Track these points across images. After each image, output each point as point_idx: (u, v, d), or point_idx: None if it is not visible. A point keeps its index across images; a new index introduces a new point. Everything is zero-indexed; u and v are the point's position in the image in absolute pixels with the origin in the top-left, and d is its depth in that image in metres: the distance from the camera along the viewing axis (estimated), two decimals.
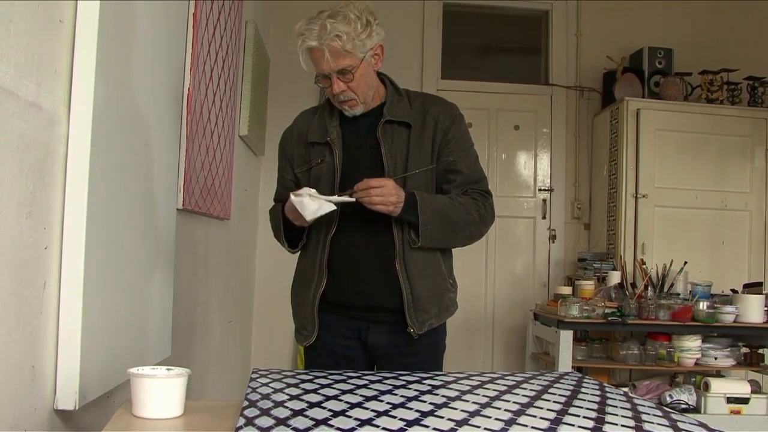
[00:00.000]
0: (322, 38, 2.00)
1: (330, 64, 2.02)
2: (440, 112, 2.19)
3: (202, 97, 2.59)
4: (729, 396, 3.95)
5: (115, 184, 1.70)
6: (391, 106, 2.17)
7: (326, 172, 2.15)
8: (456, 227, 2.13)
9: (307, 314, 2.19)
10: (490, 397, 1.50)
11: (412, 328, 2.13)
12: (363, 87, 2.11)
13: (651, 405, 1.52)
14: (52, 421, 1.47)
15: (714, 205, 4.75)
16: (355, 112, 2.15)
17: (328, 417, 1.25)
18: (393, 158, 2.12)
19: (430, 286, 2.17)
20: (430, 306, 2.16)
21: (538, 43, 5.44)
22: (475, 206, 2.16)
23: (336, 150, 2.14)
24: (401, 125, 2.15)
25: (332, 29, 1.99)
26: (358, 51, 2.04)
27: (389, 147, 2.13)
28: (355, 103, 2.12)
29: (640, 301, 3.98)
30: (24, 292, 1.34)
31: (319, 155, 2.18)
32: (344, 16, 2.02)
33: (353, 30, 2.02)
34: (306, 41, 2.02)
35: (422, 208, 2.05)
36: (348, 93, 2.09)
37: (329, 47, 2.00)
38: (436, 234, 2.10)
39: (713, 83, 4.86)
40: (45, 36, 1.40)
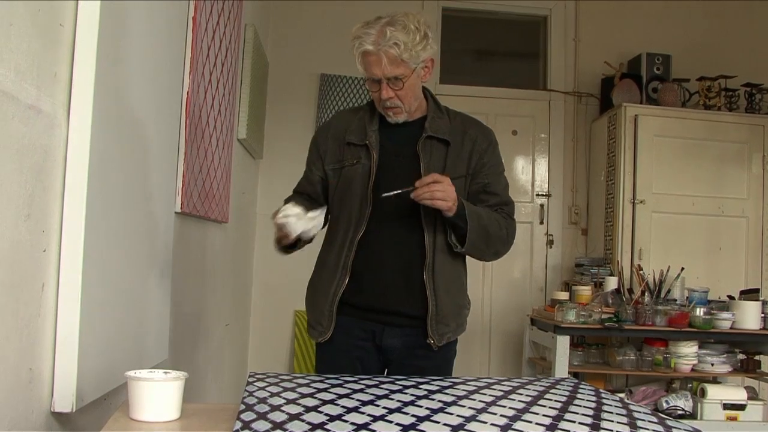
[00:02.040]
0: (379, 44, 2.05)
1: (384, 70, 2.07)
2: (479, 134, 2.26)
3: (200, 101, 2.59)
4: (725, 402, 3.96)
5: (113, 187, 1.70)
6: (433, 121, 2.21)
7: (360, 174, 2.18)
8: (490, 240, 2.19)
9: (324, 310, 2.21)
10: (486, 402, 1.51)
11: (432, 340, 2.17)
12: (410, 97, 2.15)
13: (646, 411, 1.52)
14: (49, 424, 1.47)
15: (711, 211, 4.76)
16: (398, 120, 2.19)
17: (324, 421, 1.25)
18: (429, 171, 2.13)
19: (453, 300, 2.22)
20: (451, 320, 2.21)
21: (536, 48, 5.46)
22: (506, 225, 2.23)
23: (374, 153, 2.17)
24: (441, 141, 2.20)
25: (391, 37, 2.04)
26: (411, 61, 2.08)
27: (428, 160, 2.17)
28: (400, 111, 2.16)
29: (637, 307, 3.99)
30: (22, 294, 1.34)
31: (355, 156, 2.21)
32: (404, 25, 2.07)
33: (411, 40, 2.06)
34: (363, 45, 2.07)
35: (470, 215, 2.09)
36: (395, 100, 2.13)
37: (387, 54, 2.05)
38: (477, 243, 2.15)
39: (711, 89, 4.87)
40: (45, 40, 1.40)
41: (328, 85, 5.00)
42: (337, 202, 2.24)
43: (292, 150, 4.98)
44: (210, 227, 3.08)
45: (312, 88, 5.05)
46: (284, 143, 4.97)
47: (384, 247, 2.17)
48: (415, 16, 2.13)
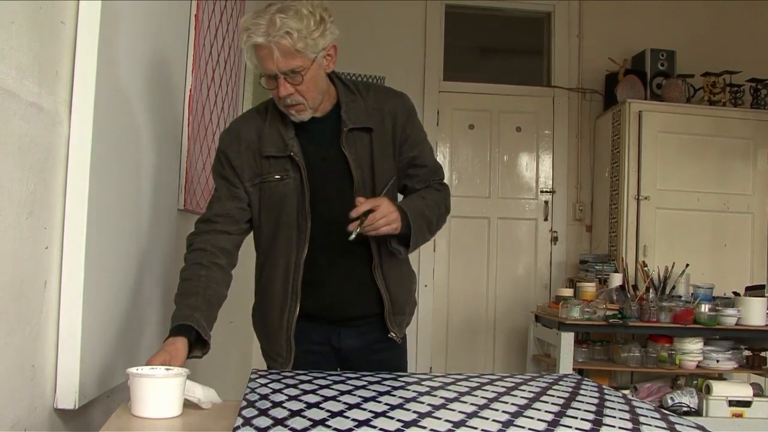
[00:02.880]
0: (270, 35, 1.76)
1: (278, 64, 1.79)
2: (396, 107, 2.03)
3: (203, 98, 2.60)
4: (731, 399, 3.94)
5: (115, 184, 1.71)
6: (348, 109, 1.97)
7: (293, 190, 1.94)
8: (432, 227, 2.03)
9: (281, 341, 2.02)
10: (488, 399, 1.50)
11: (393, 333, 2.07)
12: (312, 91, 1.88)
13: (649, 407, 1.52)
14: (52, 420, 1.48)
15: (716, 207, 4.75)
16: (302, 118, 1.92)
17: (325, 417, 1.25)
18: (360, 168, 1.96)
19: (404, 288, 2.13)
20: (405, 306, 2.13)
21: (540, 44, 5.44)
22: (443, 199, 2.07)
23: (301, 165, 1.93)
24: (362, 130, 1.97)
25: (282, 25, 1.75)
26: (309, 51, 1.81)
27: (355, 156, 1.96)
28: (303, 108, 1.90)
29: (641, 304, 3.98)
30: (24, 291, 1.35)
31: (279, 170, 1.94)
32: (296, 11, 1.78)
33: (305, 27, 1.78)
34: (252, 37, 1.77)
35: (414, 221, 1.91)
36: (296, 97, 1.86)
37: (278, 45, 1.76)
38: (419, 241, 1.99)
39: (716, 85, 4.85)
40: (47, 37, 1.40)
41: None
42: (268, 223, 1.99)
43: None
44: None
45: None
46: None
47: (330, 261, 1.99)
48: (308, 1, 1.83)
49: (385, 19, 5.16)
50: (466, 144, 5.22)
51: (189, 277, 1.85)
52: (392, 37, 5.14)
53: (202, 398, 1.41)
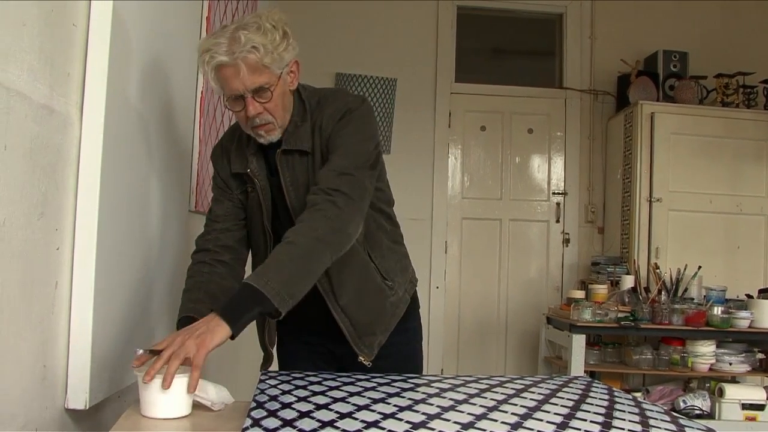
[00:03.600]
0: (234, 52, 1.66)
1: (245, 82, 1.70)
2: (324, 121, 1.85)
3: (215, 100, 2.60)
4: (744, 402, 3.92)
5: (126, 185, 1.71)
6: (293, 130, 1.85)
7: (256, 206, 1.91)
8: (312, 263, 1.65)
9: (261, 342, 2.08)
10: (497, 401, 1.50)
11: (362, 356, 1.93)
12: (280, 108, 1.79)
13: (659, 410, 1.51)
14: (63, 420, 1.48)
15: (729, 209, 4.72)
16: (271, 139, 1.82)
17: (334, 419, 1.25)
18: (296, 189, 1.85)
19: (368, 309, 1.94)
20: (375, 327, 1.96)
21: (552, 46, 5.43)
22: (323, 219, 1.68)
23: (257, 182, 1.88)
24: (300, 153, 1.85)
25: (247, 41, 1.67)
26: (275, 66, 1.73)
27: (290, 179, 1.85)
28: (273, 127, 1.80)
29: (653, 306, 3.97)
30: (36, 292, 1.36)
31: (244, 186, 1.93)
32: (258, 26, 1.70)
33: (270, 42, 1.70)
34: (215, 57, 1.68)
35: (263, 284, 1.53)
36: (265, 116, 1.77)
37: (245, 61, 1.67)
38: (296, 288, 1.60)
39: (728, 87, 4.83)
40: (58, 40, 1.41)
41: (344, 84, 5.00)
42: (250, 233, 1.98)
43: None
44: None
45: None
46: None
47: None
48: (269, 14, 1.76)
49: (397, 21, 5.16)
50: (477, 146, 5.22)
51: (192, 275, 1.87)
52: (404, 39, 5.15)
53: (214, 398, 1.42)
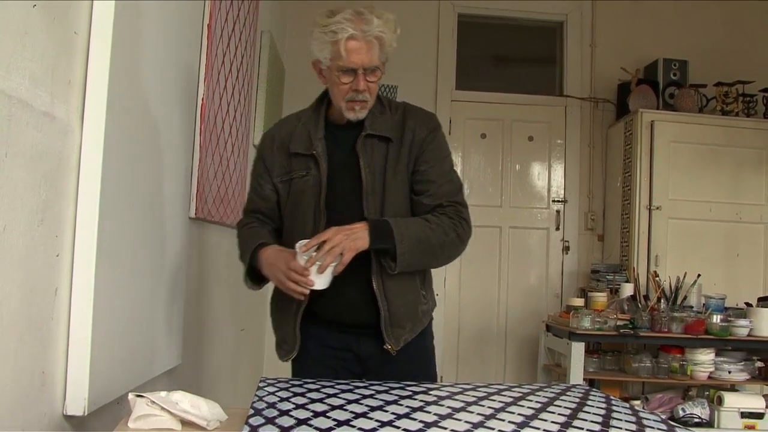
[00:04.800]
0: (366, 31, 1.92)
1: (369, 58, 1.95)
2: (417, 124, 2.09)
3: (215, 107, 2.62)
4: (743, 411, 3.92)
5: (127, 192, 1.72)
6: (373, 118, 2.07)
7: (311, 186, 2.05)
8: (435, 250, 2.03)
9: (288, 329, 2.10)
10: (495, 409, 1.51)
11: (389, 345, 2.05)
12: (375, 92, 2.05)
13: (656, 419, 1.52)
14: (61, 426, 1.49)
15: (728, 217, 4.73)
16: (360, 116, 2.03)
17: (331, 426, 1.26)
18: (372, 173, 2.03)
19: (405, 302, 2.08)
20: (406, 322, 2.09)
21: (552, 53, 5.45)
22: (452, 225, 2.04)
23: (322, 163, 2.04)
24: (381, 139, 2.06)
25: (378, 25, 1.93)
26: (384, 56, 2.00)
27: (368, 161, 2.04)
28: (365, 105, 2.03)
29: (652, 314, 3.97)
30: (35, 298, 1.36)
31: (304, 167, 2.07)
32: (387, 19, 1.97)
33: (391, 32, 1.98)
34: (348, 30, 1.91)
35: (399, 237, 1.93)
36: (366, 94, 2.00)
37: (377, 39, 1.94)
38: (414, 260, 1.99)
39: (728, 95, 4.84)
40: (60, 48, 1.42)
41: None
42: (290, 216, 2.12)
43: None
44: (225, 232, 3.09)
45: None
46: None
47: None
48: (385, 12, 1.99)
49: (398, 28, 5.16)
50: (478, 153, 5.23)
51: (249, 227, 2.14)
52: (405, 46, 5.10)
53: (208, 416, 1.41)
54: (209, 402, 1.44)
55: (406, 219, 2.01)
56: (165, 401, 1.37)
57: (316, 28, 1.97)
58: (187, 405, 1.39)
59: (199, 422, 1.37)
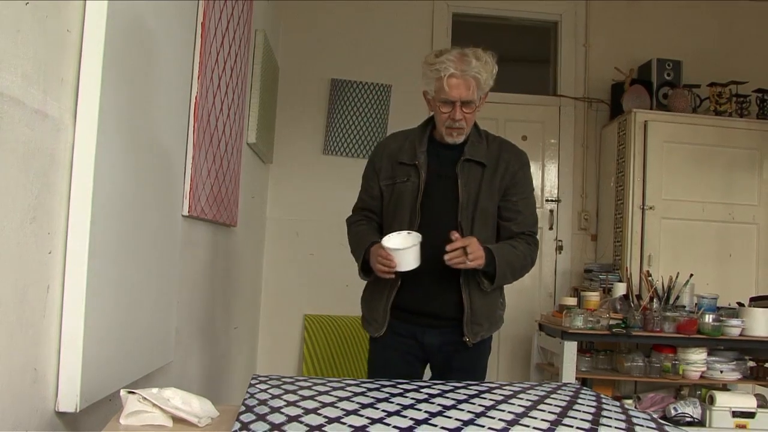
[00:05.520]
0: (464, 70, 2.34)
1: (464, 93, 2.36)
2: (512, 157, 2.53)
3: (209, 105, 2.62)
4: (735, 410, 3.93)
5: (119, 190, 1.72)
6: (472, 146, 2.50)
7: (410, 190, 2.49)
8: (517, 273, 2.51)
9: (380, 309, 2.54)
10: (485, 407, 1.52)
11: (467, 338, 2.47)
12: (471, 121, 2.47)
13: (646, 417, 1.53)
14: (53, 423, 1.49)
15: (721, 217, 4.74)
16: (457, 141, 2.47)
17: (322, 423, 1.26)
18: (467, 191, 2.46)
19: (486, 303, 2.50)
20: (484, 320, 2.51)
21: (546, 53, 5.46)
22: (530, 252, 2.52)
23: (422, 172, 2.48)
24: (477, 164, 2.48)
25: (475, 66, 2.34)
26: (481, 91, 2.41)
27: (465, 181, 2.46)
28: (462, 132, 2.46)
29: (645, 313, 3.98)
30: (27, 295, 1.36)
31: (405, 174, 2.52)
32: (485, 61, 2.37)
33: (488, 72, 2.38)
34: (449, 69, 2.34)
35: (500, 265, 2.39)
36: (463, 122, 2.42)
37: (473, 78, 2.35)
38: (503, 281, 2.48)
39: (722, 95, 4.86)
40: (52, 45, 1.42)
41: (339, 90, 5.02)
42: (390, 214, 2.56)
43: (302, 155, 5.02)
44: (218, 231, 3.10)
45: (322, 93, 5.07)
46: (294, 148, 5.00)
47: (428, 256, 2.34)
48: (485, 51, 2.41)
49: (392, 27, 5.18)
50: None
51: (359, 224, 2.64)
52: (399, 47, 5.17)
53: (199, 412, 1.41)
54: (201, 399, 1.45)
55: (503, 247, 2.45)
56: (157, 398, 1.37)
57: (426, 65, 2.43)
58: (179, 402, 1.39)
59: (190, 419, 1.38)
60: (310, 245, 4.99)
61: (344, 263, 5.02)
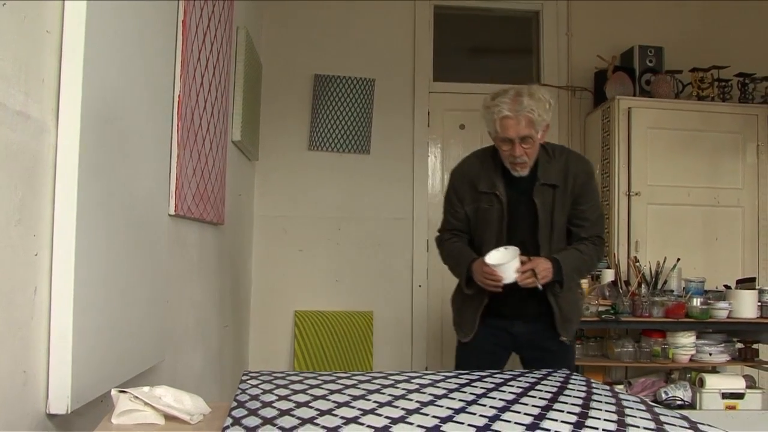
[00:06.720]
0: (517, 110, 2.54)
1: (519, 132, 2.56)
2: (579, 172, 2.75)
3: (192, 104, 2.61)
4: (724, 391, 3.97)
5: (105, 190, 1.72)
6: (544, 169, 2.72)
7: (495, 218, 2.75)
8: (583, 274, 2.95)
9: (469, 319, 2.84)
10: (476, 395, 1.52)
11: (564, 337, 2.79)
12: (533, 153, 2.66)
13: (636, 400, 1.54)
14: (44, 425, 1.49)
15: (707, 201, 4.77)
16: (522, 174, 2.70)
17: (314, 416, 1.27)
18: (544, 213, 2.71)
19: (571, 301, 2.82)
20: (573, 316, 2.83)
21: (529, 43, 5.47)
22: (596, 252, 2.81)
23: (503, 200, 2.73)
24: (550, 186, 2.72)
25: (528, 105, 2.53)
26: (539, 126, 2.59)
27: (541, 204, 2.71)
28: (526, 165, 2.67)
29: (633, 299, 4.01)
30: (15, 298, 1.36)
31: (487, 202, 2.76)
32: (538, 98, 2.57)
33: (542, 108, 2.56)
34: (503, 111, 2.56)
35: (566, 272, 2.67)
36: (524, 157, 2.63)
37: (524, 117, 2.54)
38: (572, 283, 2.79)
39: (704, 80, 4.88)
40: (32, 46, 1.42)
41: (322, 86, 5.01)
42: (477, 234, 2.84)
43: (287, 151, 5.01)
44: (206, 229, 3.09)
45: (306, 89, 5.06)
46: (280, 145, 4.99)
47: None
48: (539, 88, 2.63)
49: (374, 21, 5.18)
50: (457, 144, 5.24)
51: (453, 242, 2.92)
52: (382, 40, 5.17)
53: (191, 409, 1.42)
54: (193, 396, 1.45)
55: (570, 254, 2.73)
56: (148, 396, 1.37)
57: (484, 109, 2.67)
58: (171, 399, 1.39)
59: (182, 416, 1.38)
60: (299, 241, 4.99)
61: (333, 259, 5.06)
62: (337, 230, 5.03)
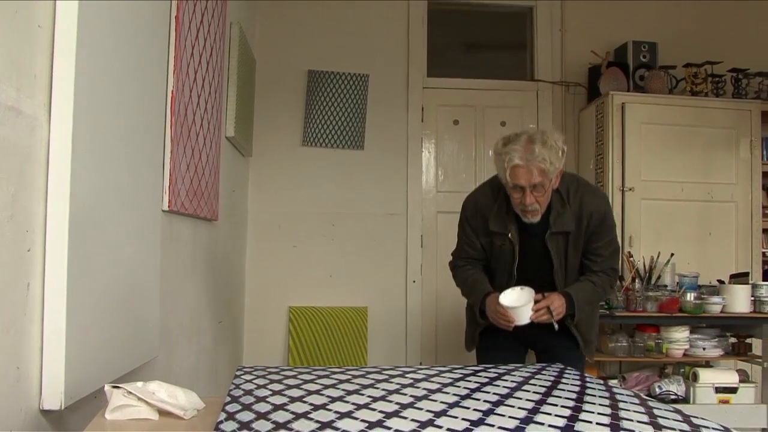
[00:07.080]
0: (528, 159, 2.48)
1: (530, 180, 2.50)
2: (593, 211, 2.70)
3: (186, 100, 2.60)
4: (717, 386, 3.99)
5: (97, 186, 1.71)
6: (557, 217, 2.68)
7: (508, 257, 2.76)
8: (595, 304, 2.92)
9: (472, 335, 2.97)
10: (470, 389, 1.53)
11: (588, 356, 2.92)
12: (545, 201, 2.62)
13: (629, 393, 1.54)
14: (38, 422, 1.48)
15: (700, 196, 4.78)
16: (533, 221, 2.65)
17: (308, 410, 1.27)
18: (558, 257, 2.72)
19: (592, 327, 2.90)
20: (593, 336, 2.94)
21: (523, 39, 5.46)
22: (609, 282, 2.81)
23: (515, 243, 2.72)
24: (562, 233, 2.70)
25: (539, 154, 2.47)
26: (551, 174, 2.53)
27: (555, 250, 2.71)
28: (537, 212, 2.63)
29: (627, 294, 4.02)
30: (7, 294, 1.36)
31: (500, 241, 2.76)
32: (550, 146, 2.49)
33: (554, 156, 2.50)
34: (513, 160, 2.50)
35: (578, 306, 2.70)
36: (535, 205, 2.59)
37: (536, 167, 2.48)
38: (583, 314, 2.78)
39: (697, 76, 4.89)
40: (24, 42, 1.41)
41: (316, 82, 5.01)
42: (492, 266, 2.87)
43: (281, 147, 5.01)
44: (199, 225, 3.09)
45: (300, 84, 5.06)
46: (273, 141, 4.98)
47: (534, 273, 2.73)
48: (552, 134, 2.56)
49: (369, 17, 5.17)
50: (450, 139, 5.25)
51: (468, 270, 2.90)
52: (376, 35, 5.16)
53: (185, 404, 1.41)
54: (186, 391, 1.45)
55: (583, 287, 2.73)
56: (142, 391, 1.37)
57: (495, 154, 2.62)
58: (164, 395, 1.39)
59: (176, 411, 1.38)
60: (293, 237, 4.99)
61: (327, 254, 5.06)
62: (332, 226, 5.02)
